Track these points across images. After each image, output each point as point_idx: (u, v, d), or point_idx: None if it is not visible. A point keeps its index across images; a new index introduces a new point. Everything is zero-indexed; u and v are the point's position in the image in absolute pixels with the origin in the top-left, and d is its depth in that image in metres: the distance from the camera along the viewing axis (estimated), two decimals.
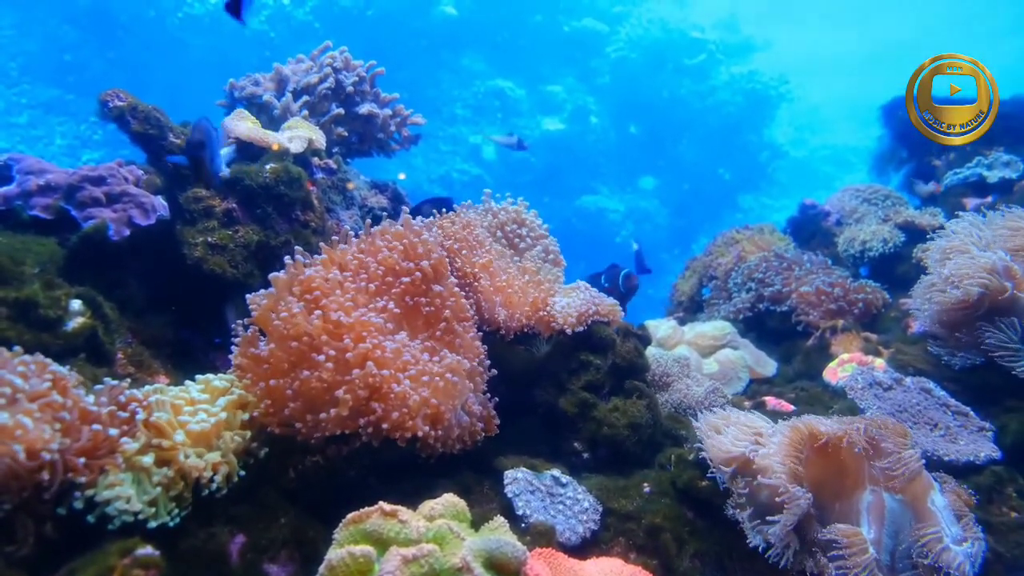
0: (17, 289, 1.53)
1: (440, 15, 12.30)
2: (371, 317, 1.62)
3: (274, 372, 1.56)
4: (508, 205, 2.28)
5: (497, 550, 1.24)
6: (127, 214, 1.95)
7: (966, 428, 1.93)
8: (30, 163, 2.01)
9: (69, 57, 10.80)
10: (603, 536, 1.59)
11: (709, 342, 2.83)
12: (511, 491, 1.61)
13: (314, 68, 2.76)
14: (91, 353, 1.62)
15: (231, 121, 2.34)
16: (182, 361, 1.93)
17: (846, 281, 2.96)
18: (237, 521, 1.41)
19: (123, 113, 2.08)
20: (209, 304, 2.06)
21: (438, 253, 1.82)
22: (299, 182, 2.18)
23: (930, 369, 2.23)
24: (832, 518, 1.53)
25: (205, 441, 1.43)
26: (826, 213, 3.70)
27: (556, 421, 1.96)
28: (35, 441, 1.17)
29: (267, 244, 2.07)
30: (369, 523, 1.23)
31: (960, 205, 3.25)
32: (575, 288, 2.09)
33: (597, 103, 13.36)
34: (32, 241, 1.72)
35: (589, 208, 12.96)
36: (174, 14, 11.09)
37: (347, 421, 1.52)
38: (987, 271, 1.99)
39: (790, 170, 14.62)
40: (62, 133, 10.70)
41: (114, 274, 1.91)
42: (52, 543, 1.21)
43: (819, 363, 2.58)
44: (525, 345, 2.01)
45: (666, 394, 2.35)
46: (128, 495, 1.25)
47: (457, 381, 1.62)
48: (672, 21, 13.91)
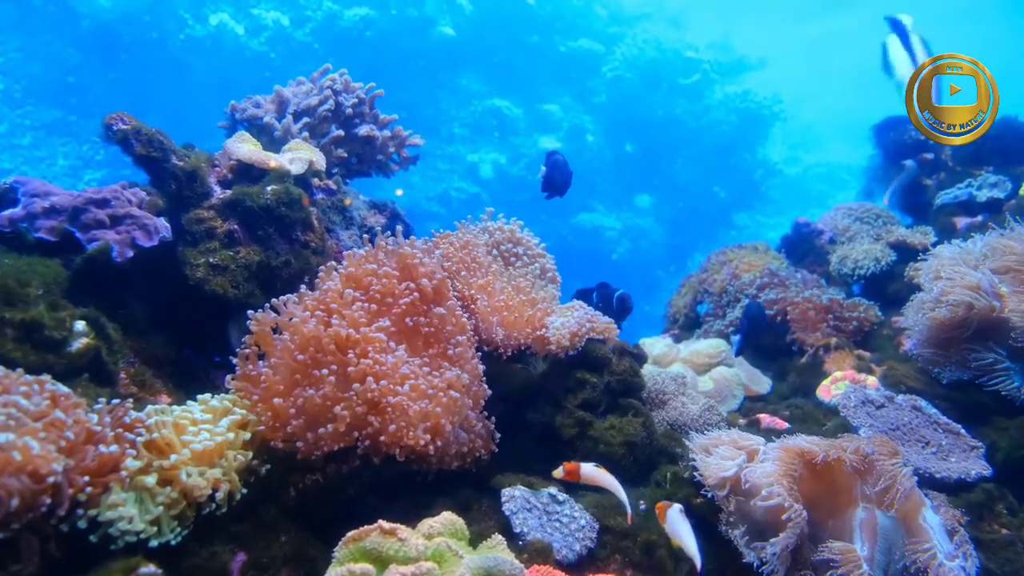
0: (23, 310, 1.56)
1: (438, 36, 12.47)
2: (378, 334, 1.65)
3: (277, 391, 1.58)
4: (502, 224, 2.32)
5: (495, 568, 1.25)
6: (130, 236, 1.98)
7: (957, 446, 1.95)
8: (35, 186, 2.05)
9: (72, 79, 10.91)
10: (599, 553, 1.61)
11: (704, 360, 2.86)
12: (508, 509, 1.63)
13: (314, 90, 2.81)
14: (95, 373, 1.65)
15: (233, 143, 2.38)
16: (184, 381, 1.95)
17: (839, 299, 3.00)
18: (238, 539, 1.42)
19: (127, 136, 2.12)
20: (211, 324, 2.09)
21: (440, 275, 1.85)
22: (300, 203, 2.22)
23: (922, 387, 2.26)
24: (825, 536, 1.54)
25: (207, 460, 1.44)
26: (819, 231, 3.75)
27: (553, 439, 1.98)
28: (41, 462, 1.19)
29: (268, 264, 2.10)
30: (368, 541, 1.25)
31: (950, 224, 3.30)
32: (571, 307, 2.12)
33: (593, 122, 13.50)
34: (37, 263, 1.74)
35: (585, 226, 13.03)
36: (176, 36, 11.22)
37: (345, 436, 1.55)
38: (974, 290, 2.03)
39: (784, 188, 14.75)
40: (65, 154, 10.78)
41: (117, 295, 1.93)
42: (56, 562, 1.23)
43: (813, 381, 2.60)
44: (522, 364, 2.04)
45: (662, 412, 2.37)
46: (131, 515, 1.27)
47: (457, 397, 1.64)
48: (667, 41, 14.11)
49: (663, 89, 13.61)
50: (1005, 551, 1.65)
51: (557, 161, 2.61)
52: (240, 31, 11.44)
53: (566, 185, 2.61)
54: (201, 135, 2.63)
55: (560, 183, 2.60)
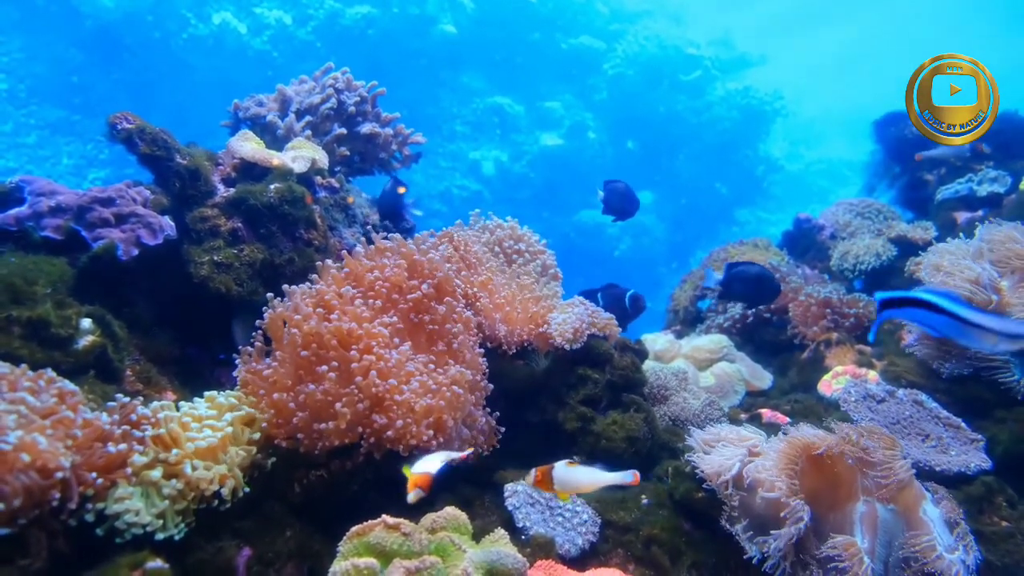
0: (30, 308, 1.57)
1: (440, 34, 12.47)
2: (380, 330, 1.66)
3: (281, 385, 1.60)
4: (502, 222, 2.34)
5: (498, 562, 1.27)
6: (135, 234, 2.00)
7: (957, 439, 1.96)
8: (41, 185, 2.06)
9: (76, 79, 10.94)
10: (602, 548, 1.62)
11: (706, 355, 2.87)
12: (511, 504, 1.64)
13: (317, 89, 2.82)
14: (101, 370, 1.66)
15: (236, 142, 2.40)
16: (188, 378, 1.97)
17: (840, 294, 3.01)
18: (244, 535, 1.44)
19: (131, 135, 2.13)
20: (215, 321, 2.11)
21: (444, 271, 1.87)
22: (303, 201, 2.23)
23: (922, 381, 2.27)
24: (826, 529, 1.55)
25: (212, 456, 1.46)
26: (820, 227, 3.76)
27: (555, 435, 1.99)
28: (49, 458, 1.20)
29: (271, 262, 2.12)
30: (372, 536, 1.26)
31: (951, 219, 3.31)
32: (572, 304, 2.14)
33: (595, 119, 13.49)
34: (43, 261, 1.76)
35: (587, 223, 13.03)
36: (179, 35, 11.23)
37: (347, 433, 1.56)
38: (973, 283, 2.04)
39: (785, 184, 14.73)
40: (69, 153, 10.82)
41: (123, 293, 1.95)
42: (64, 557, 1.24)
43: (814, 376, 2.61)
44: (525, 360, 2.05)
45: (664, 407, 2.38)
46: (137, 508, 1.29)
47: (460, 393, 1.66)
48: (668, 38, 14.09)
49: (664, 86, 13.60)
50: (1005, 543, 1.66)
51: (617, 189, 2.78)
52: (243, 30, 11.45)
53: (634, 208, 2.83)
54: (204, 134, 2.64)
55: (625, 208, 2.80)
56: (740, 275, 2.73)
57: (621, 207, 2.78)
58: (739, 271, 2.75)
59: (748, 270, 2.76)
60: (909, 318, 1.96)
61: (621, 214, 2.80)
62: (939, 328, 1.77)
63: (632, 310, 2.55)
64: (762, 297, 2.84)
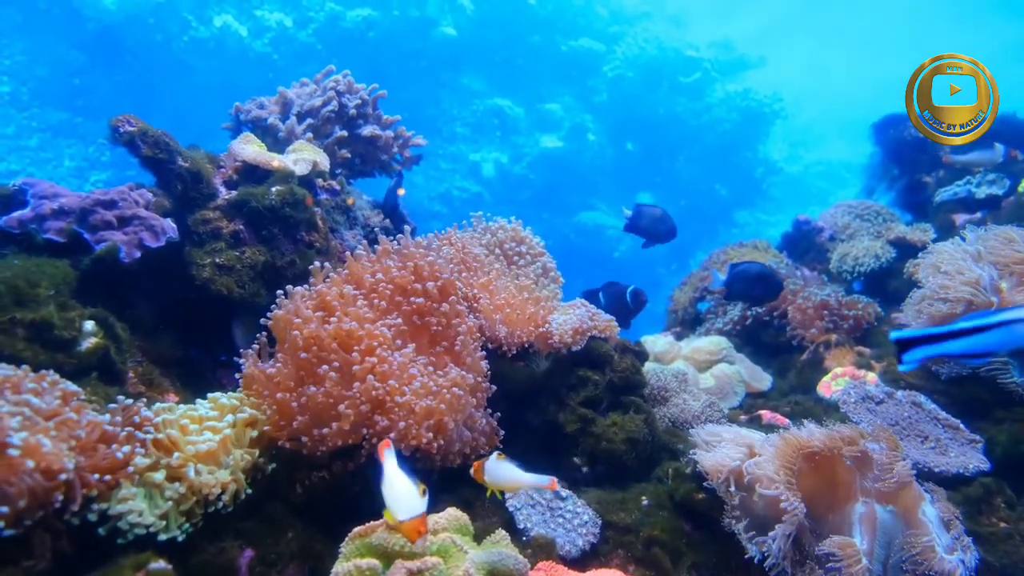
0: (33, 311, 1.58)
1: (440, 36, 12.49)
2: (383, 331, 1.67)
3: (284, 386, 1.60)
4: (505, 223, 2.34)
5: (499, 563, 1.28)
6: (138, 236, 2.01)
7: (956, 440, 1.97)
8: (44, 188, 2.07)
9: (78, 81, 10.96)
10: (602, 549, 1.63)
11: (706, 357, 2.88)
12: (512, 505, 1.65)
13: (318, 91, 2.84)
14: (103, 372, 1.67)
15: (238, 144, 2.41)
16: (190, 380, 1.98)
17: (839, 296, 3.02)
18: (246, 536, 1.44)
19: (133, 138, 2.14)
20: (217, 323, 2.11)
21: (447, 274, 1.88)
22: (304, 204, 2.24)
23: (921, 383, 2.27)
24: (826, 530, 1.56)
25: (213, 458, 1.47)
26: (820, 229, 3.76)
27: (556, 436, 2.00)
28: (53, 460, 1.21)
29: (273, 264, 2.13)
30: (374, 537, 1.27)
31: (949, 221, 3.32)
32: (573, 305, 2.14)
33: (594, 121, 13.51)
34: (46, 263, 1.76)
35: (587, 224, 13.05)
36: (180, 38, 11.26)
37: (350, 434, 1.57)
38: (973, 285, 2.05)
39: (785, 186, 14.75)
40: (71, 155, 10.84)
41: (125, 295, 1.96)
42: (68, 557, 1.25)
43: (813, 377, 2.62)
44: (525, 361, 2.06)
45: (664, 408, 2.39)
46: (140, 508, 1.29)
47: (461, 394, 1.67)
48: (667, 40, 14.11)
49: (664, 88, 13.62)
50: (1004, 544, 1.67)
51: (653, 214, 2.81)
52: (244, 32, 11.47)
53: (671, 235, 2.84)
54: (205, 136, 2.65)
55: (661, 233, 2.82)
56: (742, 274, 2.76)
57: (656, 231, 2.80)
58: (741, 270, 2.78)
59: (750, 268, 2.79)
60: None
61: (656, 238, 2.81)
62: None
63: (634, 305, 2.56)
64: (765, 294, 2.87)
